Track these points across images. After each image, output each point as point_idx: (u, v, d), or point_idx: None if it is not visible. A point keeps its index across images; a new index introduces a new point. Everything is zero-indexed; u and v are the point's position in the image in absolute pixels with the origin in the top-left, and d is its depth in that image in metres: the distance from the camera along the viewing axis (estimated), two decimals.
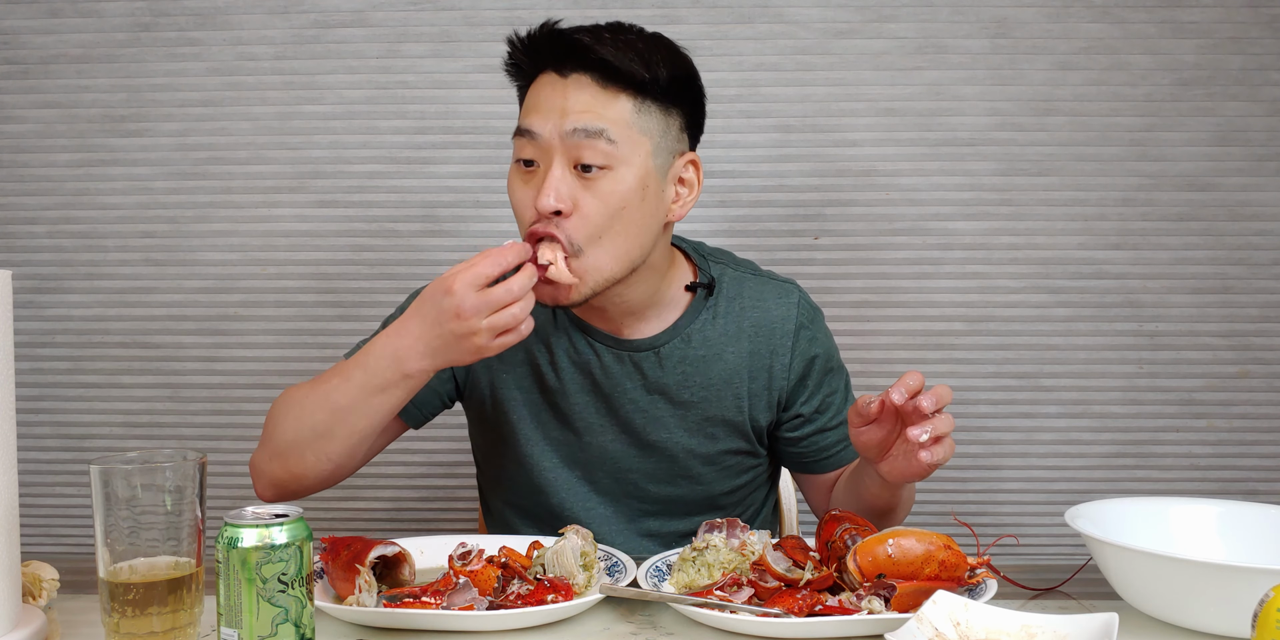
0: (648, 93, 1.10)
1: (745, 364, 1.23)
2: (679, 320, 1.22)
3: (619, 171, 1.09)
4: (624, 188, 1.09)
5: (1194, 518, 1.09)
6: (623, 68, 1.08)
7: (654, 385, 1.21)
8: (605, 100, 1.08)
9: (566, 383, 1.22)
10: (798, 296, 1.26)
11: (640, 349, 1.21)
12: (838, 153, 1.89)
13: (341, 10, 1.90)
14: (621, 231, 1.10)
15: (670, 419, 1.22)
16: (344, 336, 1.94)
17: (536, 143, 1.10)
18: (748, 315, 1.23)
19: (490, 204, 1.92)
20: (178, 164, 1.93)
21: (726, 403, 1.23)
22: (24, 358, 1.96)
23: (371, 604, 0.96)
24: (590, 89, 1.09)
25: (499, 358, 1.19)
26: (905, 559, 0.94)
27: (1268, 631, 0.73)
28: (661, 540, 1.27)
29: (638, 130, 1.09)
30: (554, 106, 1.08)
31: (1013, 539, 1.34)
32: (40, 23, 1.92)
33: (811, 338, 1.25)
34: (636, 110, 1.09)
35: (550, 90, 1.10)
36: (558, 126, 1.08)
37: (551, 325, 1.23)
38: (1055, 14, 1.86)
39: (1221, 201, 1.88)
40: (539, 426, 1.24)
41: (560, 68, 1.10)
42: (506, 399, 1.24)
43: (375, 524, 1.97)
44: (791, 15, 1.88)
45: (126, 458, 0.87)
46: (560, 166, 1.08)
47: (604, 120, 1.07)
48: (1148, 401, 1.91)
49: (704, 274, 1.24)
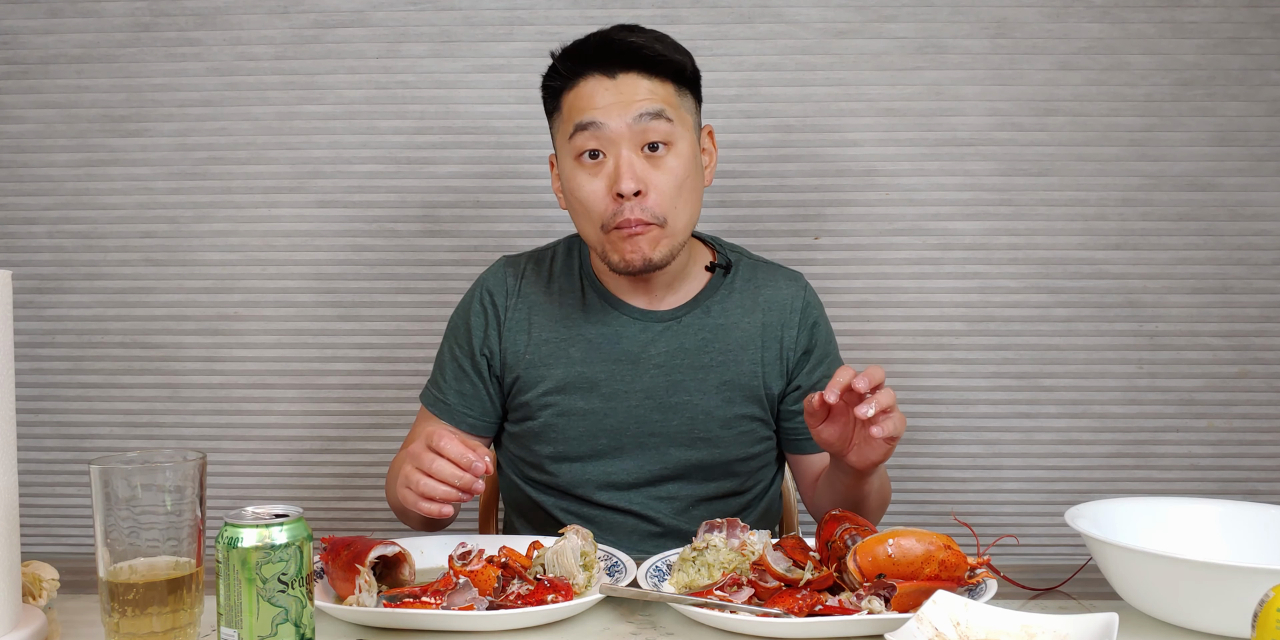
0: (682, 79, 1.25)
1: (759, 333, 1.34)
2: (699, 294, 1.35)
3: (678, 146, 1.22)
4: (684, 161, 1.23)
5: (1194, 518, 1.09)
6: (670, 59, 1.22)
7: (676, 350, 1.32)
8: (656, 87, 1.22)
9: (594, 353, 1.32)
10: (805, 283, 1.41)
11: (664, 319, 1.33)
12: (838, 153, 1.89)
13: (341, 10, 1.90)
14: (687, 198, 1.24)
15: (691, 382, 1.31)
16: (344, 336, 1.95)
17: (601, 134, 1.21)
18: (762, 292, 1.36)
19: (490, 204, 1.92)
20: (178, 164, 1.94)
21: (743, 368, 1.32)
22: (24, 358, 1.96)
23: (371, 604, 0.96)
24: (642, 82, 1.21)
25: (533, 335, 1.33)
26: (905, 559, 0.94)
27: (1268, 631, 0.73)
28: (679, 503, 1.34)
29: (683, 110, 1.24)
30: (615, 100, 1.20)
31: (1013, 539, 1.34)
32: (40, 23, 1.92)
33: (816, 320, 1.38)
34: (678, 93, 1.24)
35: (604, 89, 1.21)
36: (624, 115, 1.20)
37: (581, 304, 1.34)
38: (1055, 14, 1.86)
39: (1221, 201, 1.88)
40: (568, 396, 1.32)
41: (608, 70, 1.22)
42: (538, 376, 1.33)
43: (375, 524, 1.97)
44: (791, 15, 1.88)
45: (126, 458, 0.87)
46: (629, 151, 1.20)
47: (662, 102, 1.21)
48: (1148, 401, 1.91)
49: (722, 256, 1.38)
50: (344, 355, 1.95)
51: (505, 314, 1.34)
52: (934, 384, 1.91)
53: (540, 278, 1.36)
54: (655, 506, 1.33)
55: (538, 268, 1.37)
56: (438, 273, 1.93)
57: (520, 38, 1.89)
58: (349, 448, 1.97)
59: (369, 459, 1.96)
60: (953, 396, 1.91)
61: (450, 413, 1.36)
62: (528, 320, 1.34)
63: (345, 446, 1.97)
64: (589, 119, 1.20)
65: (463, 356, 1.36)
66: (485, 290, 1.37)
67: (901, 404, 1.88)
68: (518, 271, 1.37)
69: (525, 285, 1.36)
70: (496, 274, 1.38)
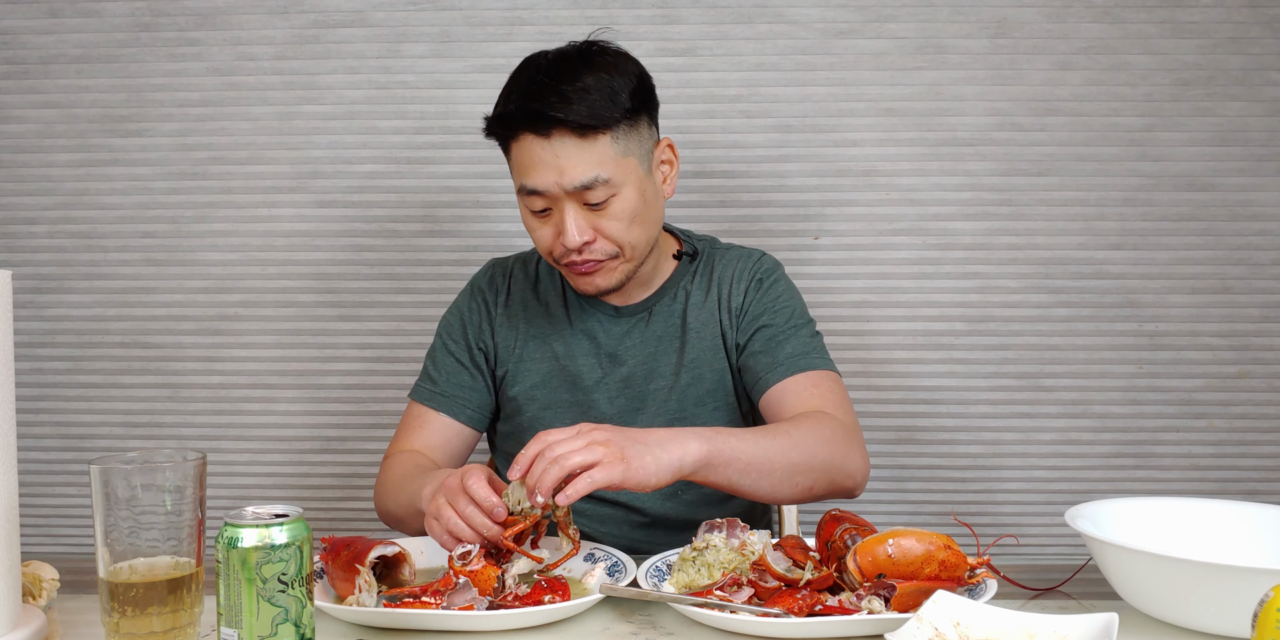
0: (620, 123, 1.22)
1: (715, 308, 1.38)
2: (666, 283, 1.40)
3: (622, 193, 1.24)
4: (630, 205, 1.24)
5: (1194, 518, 1.09)
6: (595, 122, 1.19)
7: (649, 338, 1.38)
8: (588, 147, 1.20)
9: (576, 348, 1.38)
10: (762, 257, 1.42)
11: (636, 312, 1.39)
12: (838, 153, 1.89)
13: (341, 10, 1.90)
14: (642, 224, 1.27)
15: (664, 368, 1.37)
16: (344, 336, 1.95)
17: (544, 196, 1.23)
18: (717, 269, 1.41)
19: (490, 204, 1.92)
20: (178, 164, 1.94)
21: (707, 342, 1.37)
22: (24, 358, 1.96)
23: (371, 604, 0.96)
24: (572, 141, 1.20)
25: (520, 331, 1.40)
26: (905, 559, 0.94)
27: (1268, 631, 0.73)
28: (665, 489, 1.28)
29: (622, 155, 1.23)
30: (549, 165, 1.21)
31: (1013, 539, 1.34)
32: (40, 23, 1.92)
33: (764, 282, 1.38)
34: (615, 141, 1.22)
35: (539, 150, 1.21)
36: (559, 183, 1.21)
37: (562, 302, 1.40)
38: (1055, 14, 1.86)
39: (1221, 201, 1.88)
40: (552, 390, 1.38)
41: (538, 129, 1.20)
42: (525, 370, 1.39)
43: (375, 524, 1.97)
44: (791, 15, 1.88)
45: (126, 458, 0.87)
46: (572, 208, 1.23)
47: (595, 168, 1.20)
48: (1148, 401, 1.91)
49: (689, 245, 1.43)
50: (344, 355, 1.95)
51: (496, 310, 1.42)
52: (934, 384, 1.91)
53: (527, 278, 1.44)
54: (641, 496, 1.35)
55: (524, 268, 1.45)
56: (438, 273, 1.93)
57: (520, 38, 1.88)
58: (349, 448, 1.97)
59: (369, 459, 1.96)
60: (953, 396, 1.91)
61: (449, 404, 1.39)
62: (517, 316, 1.41)
63: (345, 446, 1.97)
64: (530, 185, 1.23)
65: (459, 351, 1.42)
66: (478, 288, 1.45)
67: (901, 404, 1.91)
68: (505, 271, 1.45)
69: (513, 284, 1.44)
70: (486, 274, 1.46)
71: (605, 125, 1.21)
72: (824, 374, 1.31)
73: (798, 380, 1.30)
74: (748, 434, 1.12)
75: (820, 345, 1.36)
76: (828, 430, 1.18)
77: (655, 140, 1.30)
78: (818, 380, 1.30)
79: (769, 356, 1.32)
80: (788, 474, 1.13)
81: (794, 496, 1.17)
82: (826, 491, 1.20)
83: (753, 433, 1.12)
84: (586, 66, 1.22)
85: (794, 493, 1.16)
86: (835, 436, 1.19)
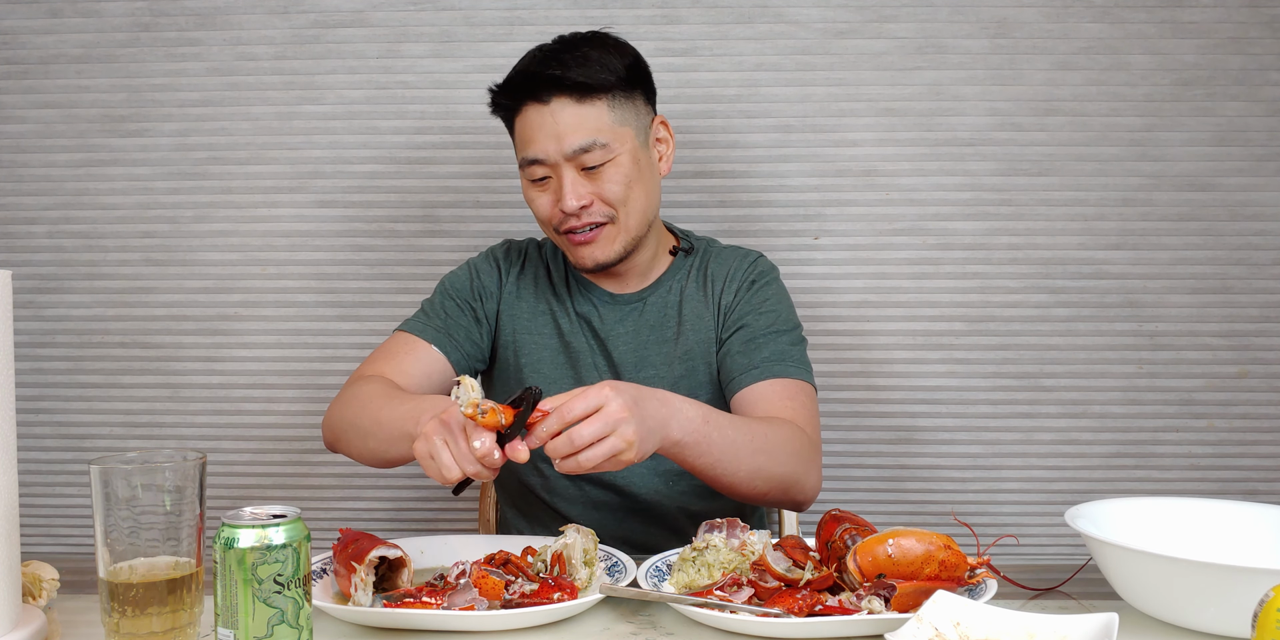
0: (615, 90, 1.29)
1: (707, 304, 1.42)
2: (662, 276, 1.44)
3: (618, 159, 1.30)
4: (625, 170, 1.30)
5: (1194, 518, 1.09)
6: (592, 81, 1.27)
7: (641, 327, 1.42)
8: (586, 112, 1.27)
9: (576, 327, 1.43)
10: (759, 258, 1.46)
11: (631, 301, 1.43)
12: (838, 153, 1.89)
13: (341, 10, 1.90)
14: (638, 193, 1.32)
15: (656, 357, 1.41)
16: (344, 336, 1.94)
17: (544, 164, 1.30)
18: (712, 267, 1.44)
19: (490, 204, 1.92)
20: (178, 164, 1.94)
21: (699, 336, 1.40)
22: (24, 358, 1.96)
23: (366, 602, 0.96)
24: (571, 107, 1.27)
25: (523, 309, 1.44)
26: (905, 559, 0.94)
27: (1268, 631, 0.73)
28: (658, 476, 1.39)
29: (619, 124, 1.29)
30: (548, 133, 1.28)
31: (1013, 539, 1.34)
32: (40, 23, 1.92)
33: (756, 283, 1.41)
34: (611, 108, 1.29)
35: (539, 118, 1.28)
36: (558, 149, 1.27)
37: (566, 284, 1.45)
38: (1055, 14, 1.86)
39: (1221, 201, 1.88)
40: (553, 368, 1.42)
41: (540, 97, 1.28)
42: (526, 344, 1.43)
43: (376, 524, 1.97)
44: (791, 15, 1.88)
45: (126, 458, 0.87)
46: (570, 173, 1.29)
47: (593, 132, 1.27)
48: (1148, 401, 1.91)
49: (686, 241, 1.48)
50: (344, 355, 1.95)
51: (508, 279, 1.46)
52: (934, 384, 1.91)
53: (541, 258, 1.48)
54: (635, 480, 1.38)
55: (538, 249, 1.50)
56: (438, 273, 1.92)
57: (520, 38, 1.88)
58: None
59: None
60: (953, 396, 1.91)
61: (443, 340, 1.38)
62: (528, 289, 1.45)
63: None
64: (531, 155, 1.30)
65: (466, 298, 1.44)
66: (494, 256, 1.48)
67: (901, 404, 1.91)
68: (520, 248, 1.50)
69: (528, 260, 1.48)
70: (503, 246, 1.50)
71: (602, 88, 1.27)
72: (799, 385, 1.32)
73: (772, 385, 1.31)
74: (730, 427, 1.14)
75: (801, 355, 1.36)
76: (797, 443, 1.22)
77: (652, 118, 1.37)
78: (794, 391, 1.31)
79: (745, 358, 1.34)
80: (750, 475, 1.17)
81: (747, 496, 1.20)
82: (778, 501, 1.24)
83: (734, 427, 1.15)
84: (586, 42, 1.31)
85: (749, 493, 1.19)
86: (802, 451, 1.23)
